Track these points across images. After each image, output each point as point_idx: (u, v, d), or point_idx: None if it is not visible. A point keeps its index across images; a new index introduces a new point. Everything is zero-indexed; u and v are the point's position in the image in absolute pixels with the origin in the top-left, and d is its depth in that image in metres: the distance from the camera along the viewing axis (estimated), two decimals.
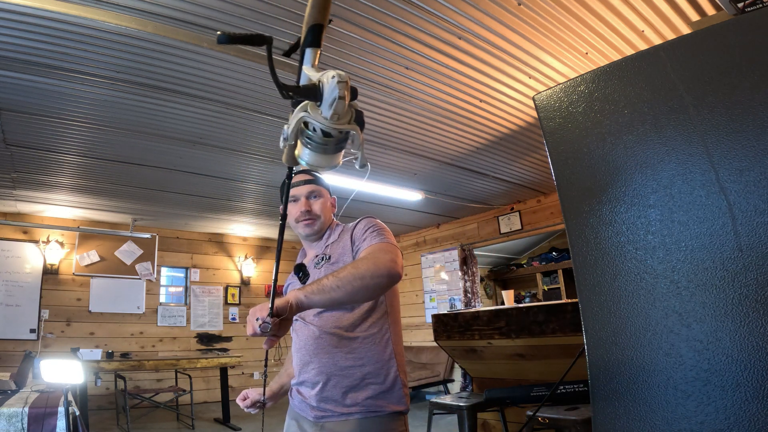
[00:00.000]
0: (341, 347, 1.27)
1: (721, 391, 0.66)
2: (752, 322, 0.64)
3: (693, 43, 0.78)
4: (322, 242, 1.47)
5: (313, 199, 1.47)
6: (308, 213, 1.44)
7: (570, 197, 0.85)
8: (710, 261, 0.69)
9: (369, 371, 1.25)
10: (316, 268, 1.38)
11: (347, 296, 1.07)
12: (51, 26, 2.37)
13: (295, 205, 1.47)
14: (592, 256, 0.82)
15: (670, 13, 2.55)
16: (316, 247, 1.49)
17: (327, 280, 1.07)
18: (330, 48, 2.70)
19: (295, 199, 1.47)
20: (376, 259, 1.13)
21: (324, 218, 1.47)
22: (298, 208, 1.46)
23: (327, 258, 1.38)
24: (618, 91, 0.83)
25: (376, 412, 1.23)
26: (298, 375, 1.37)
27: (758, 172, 0.66)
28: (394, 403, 1.25)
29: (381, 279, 1.11)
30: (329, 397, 1.25)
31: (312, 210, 1.45)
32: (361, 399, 1.23)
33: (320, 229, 1.47)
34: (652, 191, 0.76)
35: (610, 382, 0.76)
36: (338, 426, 1.23)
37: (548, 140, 0.89)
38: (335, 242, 1.42)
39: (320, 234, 1.48)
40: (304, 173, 1.50)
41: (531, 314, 2.76)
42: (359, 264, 1.12)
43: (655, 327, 0.73)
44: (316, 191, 1.48)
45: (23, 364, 3.38)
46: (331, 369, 1.27)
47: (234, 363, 5.84)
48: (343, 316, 1.30)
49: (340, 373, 1.26)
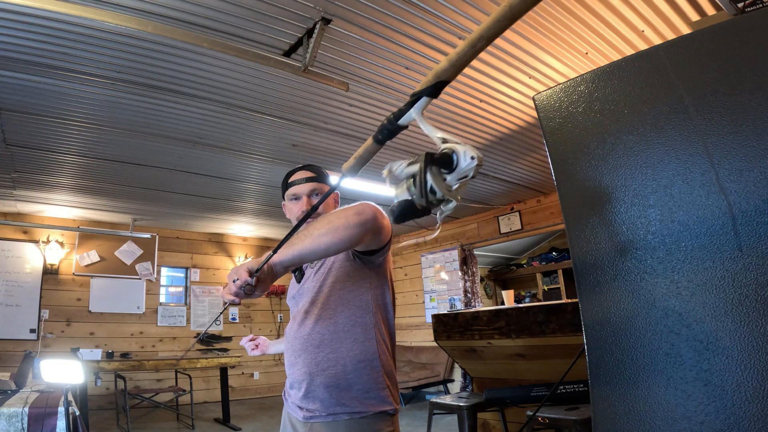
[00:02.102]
0: (323, 347, 1.26)
1: (721, 391, 0.66)
2: (752, 322, 0.65)
3: (693, 43, 0.78)
4: None
5: (314, 198, 1.42)
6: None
7: (570, 197, 0.85)
8: (710, 261, 0.69)
9: (351, 370, 1.24)
10: (311, 269, 1.37)
11: (316, 244, 1.02)
12: (51, 26, 2.37)
13: (296, 204, 1.42)
14: (592, 256, 0.82)
15: (670, 13, 2.55)
16: None
17: (295, 235, 1.03)
18: (330, 48, 2.70)
19: (296, 198, 1.42)
20: (346, 208, 1.11)
21: None
22: (299, 206, 1.41)
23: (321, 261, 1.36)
24: (618, 91, 0.83)
25: (362, 413, 1.21)
26: (288, 376, 1.38)
27: (758, 173, 0.66)
28: (380, 403, 1.24)
29: (350, 219, 1.06)
30: (315, 396, 1.25)
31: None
32: (346, 399, 1.22)
33: None
34: (652, 191, 0.76)
35: (610, 382, 0.76)
36: (326, 428, 1.23)
37: (548, 140, 0.89)
38: None
39: None
40: (306, 170, 1.45)
41: (531, 314, 2.76)
42: (327, 215, 1.10)
43: (655, 327, 0.73)
44: (318, 189, 1.42)
45: (23, 364, 3.38)
46: (314, 368, 1.26)
47: (234, 363, 5.85)
48: (328, 316, 1.29)
49: (323, 372, 1.25)
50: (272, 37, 2.58)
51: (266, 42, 2.62)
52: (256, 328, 7.34)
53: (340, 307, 1.29)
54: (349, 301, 1.29)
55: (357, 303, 1.30)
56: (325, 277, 1.32)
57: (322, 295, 1.30)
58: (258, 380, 7.19)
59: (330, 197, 1.44)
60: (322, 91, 3.16)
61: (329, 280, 1.31)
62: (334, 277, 1.31)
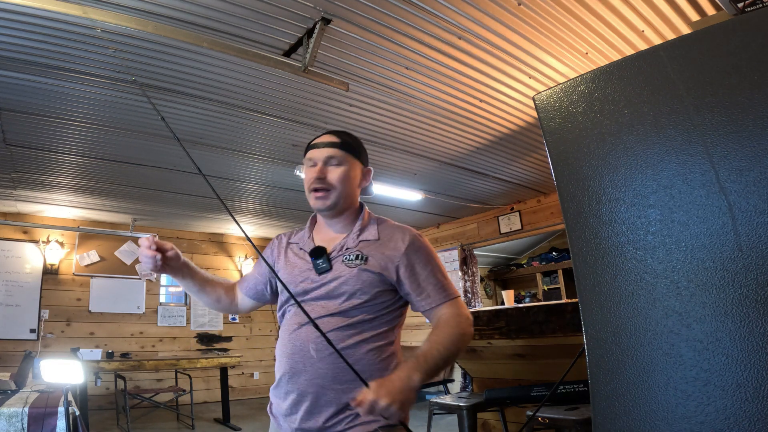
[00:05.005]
0: (338, 358, 1.05)
1: (721, 392, 0.66)
2: (752, 322, 0.65)
3: (693, 43, 0.78)
4: (351, 230, 1.24)
5: (331, 166, 1.21)
6: (320, 181, 1.19)
7: (570, 197, 0.85)
8: (710, 261, 0.69)
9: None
10: (347, 266, 1.17)
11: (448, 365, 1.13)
12: (51, 26, 2.37)
13: (311, 170, 1.22)
14: (592, 256, 0.82)
15: (670, 13, 2.55)
16: (339, 229, 1.27)
17: (435, 354, 1.09)
18: (330, 48, 2.70)
19: (312, 164, 1.22)
20: (464, 335, 1.16)
21: (342, 192, 1.21)
22: (312, 173, 1.21)
23: (364, 259, 1.17)
24: (618, 91, 0.83)
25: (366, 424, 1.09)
26: (281, 384, 1.18)
27: (758, 172, 0.66)
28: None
29: (468, 341, 1.17)
30: (319, 412, 1.10)
31: (326, 178, 1.20)
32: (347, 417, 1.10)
33: (335, 204, 1.21)
34: (652, 191, 0.76)
35: (610, 382, 0.77)
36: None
37: (548, 140, 0.89)
38: (374, 243, 1.21)
39: (337, 212, 1.24)
40: (331, 134, 1.25)
41: (531, 314, 2.76)
42: (456, 340, 1.14)
43: (655, 327, 0.73)
44: (338, 157, 1.21)
45: (23, 364, 3.38)
46: (328, 382, 1.10)
47: (234, 363, 5.85)
48: (351, 316, 1.15)
49: (339, 387, 1.09)
50: (272, 37, 2.58)
51: (266, 42, 2.62)
52: (256, 328, 7.35)
53: (370, 309, 1.17)
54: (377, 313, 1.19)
55: (387, 310, 1.20)
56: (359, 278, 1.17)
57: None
58: (258, 380, 7.19)
59: (357, 172, 1.26)
60: (322, 91, 3.15)
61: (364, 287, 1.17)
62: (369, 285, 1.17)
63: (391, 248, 1.19)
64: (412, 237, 1.22)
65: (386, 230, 1.25)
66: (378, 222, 1.27)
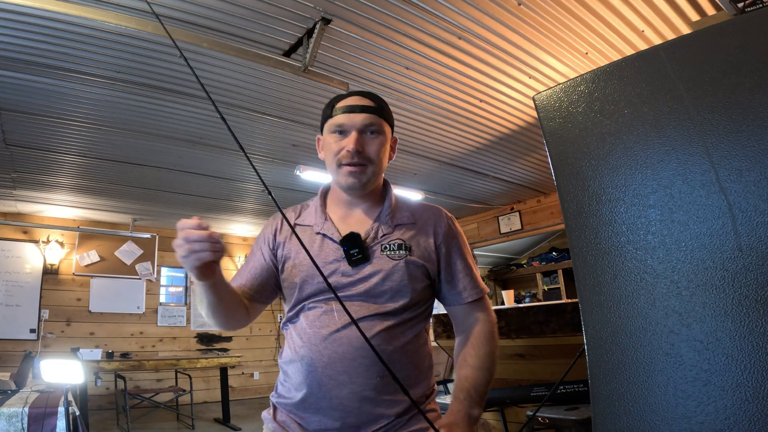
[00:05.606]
0: (382, 367, 0.88)
1: (721, 392, 0.66)
2: (752, 322, 0.64)
3: (693, 43, 0.78)
4: (380, 211, 1.06)
5: (369, 136, 1.01)
6: (358, 155, 0.99)
7: (570, 197, 0.85)
8: (710, 261, 0.69)
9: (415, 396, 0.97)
10: (389, 256, 0.99)
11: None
12: (51, 26, 2.37)
13: (341, 140, 1.01)
14: (592, 256, 0.82)
15: (670, 13, 2.55)
16: (365, 209, 1.07)
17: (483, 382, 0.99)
18: (330, 48, 2.70)
19: (343, 131, 1.01)
20: (498, 346, 1.07)
21: (377, 167, 1.03)
22: (344, 144, 1.00)
23: (408, 249, 1.00)
24: (618, 91, 0.83)
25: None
26: (310, 398, 0.96)
27: (758, 172, 0.66)
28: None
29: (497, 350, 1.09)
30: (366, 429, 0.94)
31: (365, 152, 1.00)
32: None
33: (368, 181, 1.03)
34: (652, 191, 0.76)
35: (610, 382, 0.76)
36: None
37: (548, 140, 0.89)
38: (411, 229, 1.04)
39: (369, 190, 1.06)
40: (363, 95, 1.05)
41: (531, 314, 2.76)
42: (495, 358, 1.05)
43: (655, 327, 0.73)
44: (376, 125, 1.02)
45: (23, 364, 3.38)
46: (373, 394, 0.94)
47: (234, 363, 5.85)
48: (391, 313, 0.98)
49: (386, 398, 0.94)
50: (272, 37, 2.58)
51: (266, 42, 2.62)
52: (256, 328, 7.34)
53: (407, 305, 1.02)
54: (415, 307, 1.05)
55: (421, 303, 1.05)
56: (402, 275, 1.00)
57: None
58: (258, 380, 7.19)
59: (387, 144, 1.07)
60: (322, 91, 3.15)
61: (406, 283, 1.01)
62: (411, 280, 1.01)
63: (429, 233, 1.04)
64: (448, 220, 1.09)
65: (419, 211, 1.08)
66: (400, 198, 1.12)
